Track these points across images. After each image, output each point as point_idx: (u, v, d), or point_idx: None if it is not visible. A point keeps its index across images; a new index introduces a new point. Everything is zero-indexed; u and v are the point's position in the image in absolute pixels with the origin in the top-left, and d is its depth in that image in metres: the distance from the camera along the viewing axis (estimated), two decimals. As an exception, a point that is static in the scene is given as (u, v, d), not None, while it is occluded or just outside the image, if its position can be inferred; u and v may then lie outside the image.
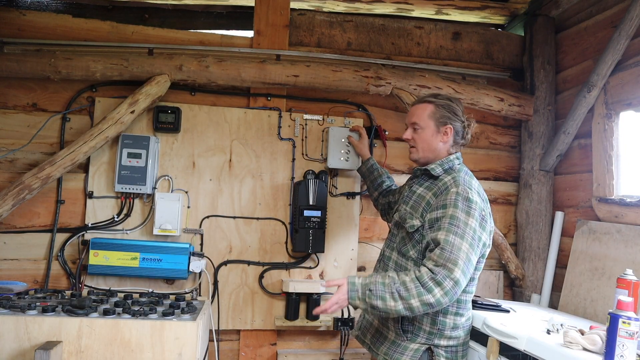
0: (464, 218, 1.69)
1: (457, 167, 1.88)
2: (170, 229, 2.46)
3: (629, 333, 1.41)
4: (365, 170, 2.49)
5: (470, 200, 1.71)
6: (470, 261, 1.67)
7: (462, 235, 1.67)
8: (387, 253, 1.97)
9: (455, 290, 1.63)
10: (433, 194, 1.82)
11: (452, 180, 1.79)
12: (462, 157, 1.96)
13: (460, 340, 1.84)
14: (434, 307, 1.63)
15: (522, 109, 2.82)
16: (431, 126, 1.90)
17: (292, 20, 2.77)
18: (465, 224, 1.68)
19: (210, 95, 2.66)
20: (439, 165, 1.88)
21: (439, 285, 1.62)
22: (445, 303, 1.63)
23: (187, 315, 2.06)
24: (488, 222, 1.77)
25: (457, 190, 1.74)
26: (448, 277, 1.62)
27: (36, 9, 2.63)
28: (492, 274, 2.92)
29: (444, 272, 1.62)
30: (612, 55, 2.32)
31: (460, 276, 1.63)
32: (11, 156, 2.48)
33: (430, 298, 1.61)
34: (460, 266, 1.63)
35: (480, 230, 1.71)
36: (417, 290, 1.62)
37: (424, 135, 1.92)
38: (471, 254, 1.67)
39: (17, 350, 1.86)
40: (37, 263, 2.47)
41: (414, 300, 1.62)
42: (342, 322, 2.64)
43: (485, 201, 1.81)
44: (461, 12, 2.99)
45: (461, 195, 1.72)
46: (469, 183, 1.78)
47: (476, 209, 1.71)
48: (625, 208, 2.25)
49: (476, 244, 1.69)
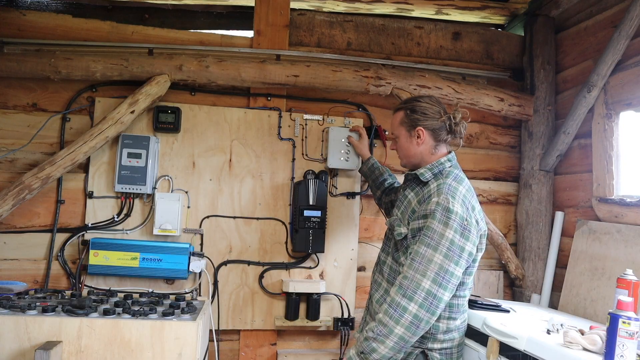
0: (441, 229, 1.66)
1: (447, 171, 1.82)
2: (170, 229, 2.46)
3: (629, 333, 1.41)
4: (367, 169, 2.48)
5: (450, 210, 1.67)
6: (447, 272, 1.65)
7: (435, 247, 1.65)
8: (382, 257, 1.97)
9: (431, 301, 1.63)
10: (418, 201, 1.80)
11: (437, 187, 1.76)
12: (462, 157, 1.94)
13: (455, 342, 1.83)
14: (418, 324, 1.63)
15: (522, 109, 2.82)
16: (403, 132, 1.91)
17: (292, 20, 2.77)
18: (440, 236, 1.66)
19: (210, 95, 2.67)
20: (428, 169, 1.84)
21: (411, 300, 1.63)
22: (426, 317, 1.63)
23: (187, 315, 2.06)
24: (472, 231, 1.70)
25: (437, 200, 1.70)
26: (418, 289, 1.63)
27: (36, 9, 2.63)
28: (492, 274, 2.92)
29: (413, 285, 1.64)
30: (612, 55, 2.32)
31: (432, 287, 1.63)
32: (11, 156, 2.48)
33: (408, 317, 1.62)
34: (430, 277, 1.63)
35: (461, 239, 1.67)
36: (393, 318, 1.64)
37: (400, 142, 1.93)
38: (447, 265, 1.65)
39: (17, 350, 1.86)
40: (37, 263, 2.47)
41: (397, 329, 1.63)
42: (342, 322, 2.64)
43: (472, 208, 1.75)
44: (461, 12, 2.99)
45: (441, 206, 1.69)
46: (453, 191, 1.73)
47: (455, 220, 1.67)
48: (625, 208, 2.25)
49: (455, 254, 1.66)
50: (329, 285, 2.68)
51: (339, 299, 2.68)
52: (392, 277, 1.86)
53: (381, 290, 1.90)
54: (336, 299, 2.68)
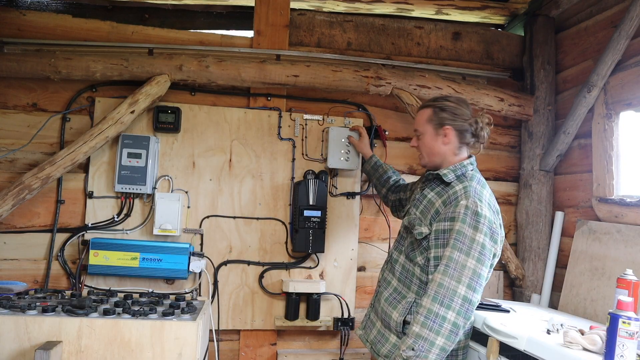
0: (471, 234, 1.66)
1: (470, 174, 1.82)
2: (170, 229, 2.46)
3: (629, 333, 1.41)
4: (370, 168, 2.47)
5: (479, 214, 1.67)
6: (480, 276, 1.65)
7: (467, 252, 1.65)
8: (394, 256, 1.95)
9: (467, 307, 1.63)
10: (442, 202, 1.78)
11: (463, 190, 1.75)
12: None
13: (460, 344, 1.83)
14: (457, 332, 1.63)
15: (522, 109, 2.82)
16: (429, 130, 1.89)
17: (292, 20, 2.77)
18: (472, 240, 1.66)
19: (210, 95, 2.67)
20: (451, 171, 1.83)
21: (449, 308, 1.62)
22: (462, 323, 1.63)
23: (187, 315, 2.06)
24: (499, 234, 1.73)
25: (466, 203, 1.70)
26: (455, 296, 1.62)
27: (36, 9, 2.63)
28: (492, 274, 2.91)
29: (449, 293, 1.63)
30: (612, 55, 2.32)
31: (467, 292, 1.63)
32: (11, 156, 2.48)
33: (447, 326, 1.61)
34: (466, 282, 1.63)
35: (491, 243, 1.68)
36: (433, 330, 1.61)
37: (425, 139, 1.91)
38: (480, 269, 1.65)
39: (17, 350, 1.86)
40: (37, 263, 2.47)
41: (439, 340, 1.61)
42: (342, 322, 2.64)
43: (497, 212, 1.77)
44: (461, 12, 2.99)
45: (470, 209, 1.68)
46: (479, 194, 1.73)
47: (485, 223, 1.67)
48: (625, 208, 2.25)
49: (486, 258, 1.67)
50: (329, 285, 2.68)
51: (339, 299, 2.68)
52: (403, 276, 1.85)
53: (390, 288, 1.89)
54: (336, 299, 2.68)
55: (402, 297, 1.82)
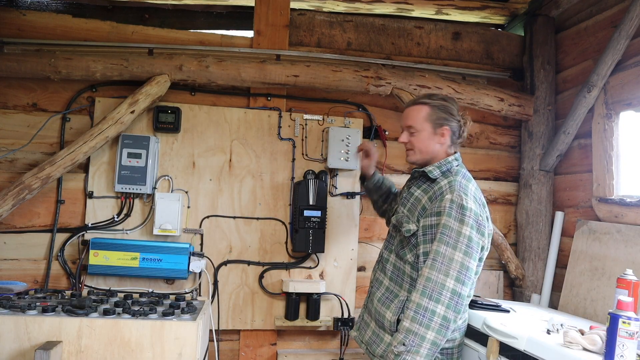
0: (457, 227, 1.67)
1: (455, 170, 1.83)
2: (170, 229, 2.46)
3: (629, 333, 1.41)
4: (373, 186, 2.27)
5: (465, 207, 1.68)
6: (468, 268, 1.66)
7: (454, 245, 1.65)
8: (385, 255, 1.96)
9: (456, 300, 1.63)
10: (428, 198, 1.79)
11: (448, 185, 1.76)
12: (462, 157, 1.94)
13: (456, 343, 1.83)
14: (448, 325, 1.62)
15: (522, 109, 2.82)
16: (428, 129, 1.86)
17: (292, 20, 2.77)
18: (458, 233, 1.66)
19: (210, 95, 2.67)
20: (436, 167, 1.84)
21: (438, 302, 1.62)
22: (452, 317, 1.63)
23: (187, 315, 2.06)
24: (486, 226, 1.74)
25: (451, 197, 1.71)
26: (443, 289, 1.62)
27: (36, 9, 2.63)
28: (492, 274, 2.92)
29: (437, 286, 1.63)
30: (612, 55, 2.32)
31: (456, 285, 1.63)
32: (11, 156, 2.48)
33: (437, 320, 1.61)
34: (454, 276, 1.63)
35: (478, 235, 1.69)
36: (423, 324, 1.61)
37: (421, 137, 1.88)
38: (467, 261, 1.66)
39: (17, 350, 1.86)
40: (37, 263, 2.47)
41: (429, 335, 1.61)
42: (342, 322, 2.64)
43: (483, 205, 1.78)
44: (461, 12, 2.99)
45: (455, 203, 1.69)
46: (464, 188, 1.74)
47: (471, 216, 1.68)
48: (625, 208, 2.25)
49: (474, 251, 1.67)
50: (329, 285, 2.68)
51: (339, 299, 2.68)
52: (395, 275, 1.85)
53: (382, 288, 1.89)
54: (336, 299, 2.68)
55: (395, 296, 1.82)
